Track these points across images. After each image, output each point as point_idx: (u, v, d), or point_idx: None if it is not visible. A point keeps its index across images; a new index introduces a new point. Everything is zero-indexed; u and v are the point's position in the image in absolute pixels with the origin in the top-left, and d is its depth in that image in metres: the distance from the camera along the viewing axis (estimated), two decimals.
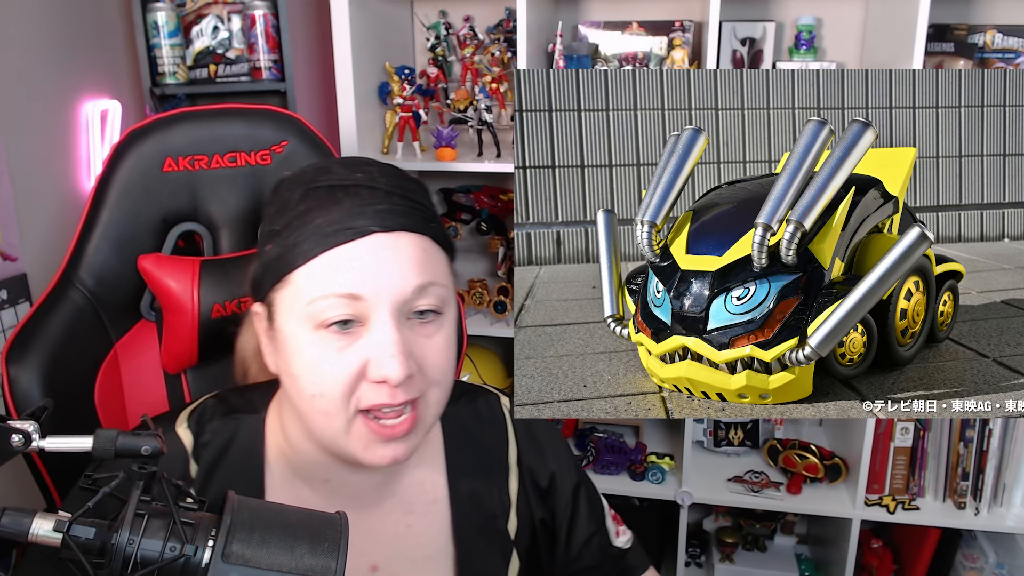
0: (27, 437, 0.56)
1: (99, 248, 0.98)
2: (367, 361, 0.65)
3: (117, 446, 0.55)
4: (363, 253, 0.65)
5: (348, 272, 0.65)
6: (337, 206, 0.66)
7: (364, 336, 0.65)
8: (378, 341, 0.65)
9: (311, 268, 0.65)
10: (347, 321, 0.65)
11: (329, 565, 0.53)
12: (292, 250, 0.66)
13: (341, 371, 0.65)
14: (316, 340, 0.65)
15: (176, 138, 1.01)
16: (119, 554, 0.51)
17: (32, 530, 0.52)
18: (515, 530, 0.82)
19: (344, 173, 0.69)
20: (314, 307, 0.65)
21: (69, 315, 0.95)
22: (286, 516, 0.55)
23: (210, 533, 0.52)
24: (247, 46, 1.92)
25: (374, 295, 0.65)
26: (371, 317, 0.65)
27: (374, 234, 0.65)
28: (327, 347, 0.65)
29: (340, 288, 0.64)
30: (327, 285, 0.65)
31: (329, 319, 0.65)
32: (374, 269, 0.65)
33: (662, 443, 2.11)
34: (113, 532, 0.52)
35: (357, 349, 0.65)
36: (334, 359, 0.65)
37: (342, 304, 0.64)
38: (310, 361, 0.66)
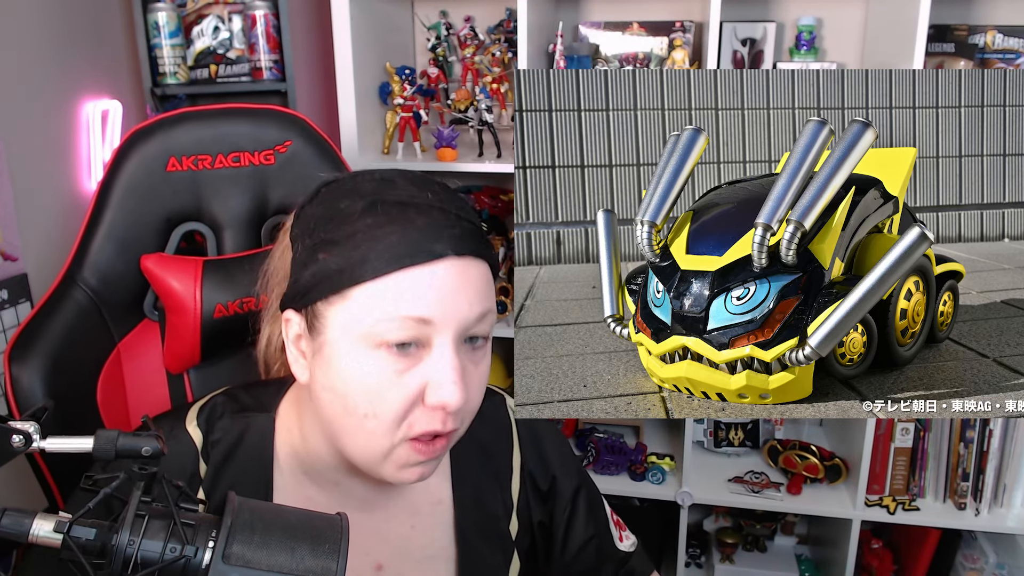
0: (28, 438, 0.56)
1: (102, 248, 0.98)
2: (425, 385, 0.64)
3: (118, 447, 0.55)
4: (437, 277, 0.64)
5: (420, 295, 0.63)
6: (411, 225, 0.64)
7: (425, 360, 0.64)
8: (439, 366, 0.64)
9: (379, 285, 0.63)
10: (407, 343, 0.64)
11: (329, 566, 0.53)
12: (360, 264, 0.63)
13: (399, 394, 0.64)
14: (373, 359, 0.64)
15: (180, 138, 1.01)
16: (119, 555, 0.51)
17: (32, 531, 0.52)
18: (516, 532, 0.83)
19: (412, 190, 0.67)
20: (380, 327, 0.63)
21: (72, 315, 0.95)
22: (287, 517, 0.55)
23: (210, 534, 0.52)
24: (248, 46, 1.93)
25: (442, 320, 0.64)
26: (434, 341, 0.64)
27: (449, 259, 0.64)
28: (386, 368, 0.64)
29: (411, 311, 0.63)
30: (397, 306, 0.63)
31: (392, 340, 0.63)
32: (446, 294, 0.64)
33: (662, 443, 2.11)
34: (113, 533, 0.52)
35: (417, 373, 0.64)
36: (392, 381, 0.64)
37: (409, 326, 0.63)
38: (366, 380, 0.64)
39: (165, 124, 1.01)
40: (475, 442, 0.80)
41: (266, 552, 0.52)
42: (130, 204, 0.99)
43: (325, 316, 0.65)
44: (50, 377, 0.91)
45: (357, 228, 0.64)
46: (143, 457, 0.55)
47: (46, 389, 0.90)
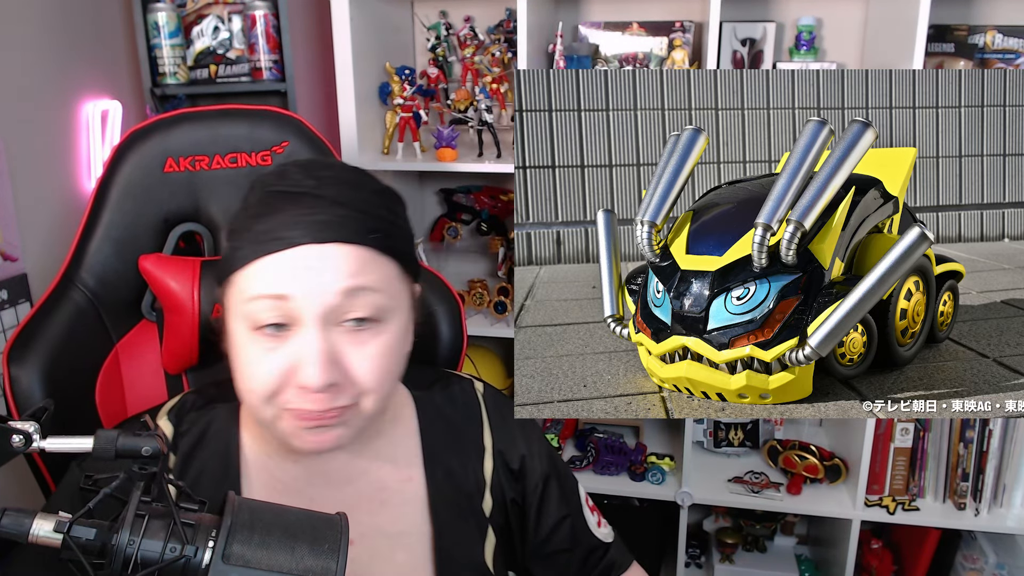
0: (28, 438, 0.56)
1: (100, 248, 0.98)
2: (293, 365, 0.67)
3: (118, 447, 0.55)
4: (291, 262, 0.67)
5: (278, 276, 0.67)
6: (279, 214, 0.68)
7: (290, 340, 0.67)
8: (303, 348, 0.66)
9: (247, 272, 0.68)
10: (280, 325, 0.67)
11: (329, 566, 0.53)
12: (235, 252, 0.69)
13: (267, 372, 0.68)
14: (250, 340, 0.68)
15: (177, 139, 1.01)
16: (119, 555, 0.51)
17: (32, 531, 0.52)
18: (490, 509, 0.84)
19: (298, 179, 0.71)
20: (249, 307, 0.68)
21: (70, 315, 0.95)
22: (286, 517, 0.55)
23: (210, 534, 0.52)
24: (247, 46, 1.92)
25: (301, 297, 0.66)
26: (301, 322, 0.67)
27: (304, 245, 0.67)
28: (258, 348, 0.68)
29: (268, 290, 0.67)
30: (258, 287, 0.67)
31: (262, 321, 0.67)
32: (301, 275, 0.67)
33: (662, 443, 2.11)
34: (113, 533, 0.52)
35: (284, 352, 0.67)
36: (262, 359, 0.68)
37: (272, 306, 0.67)
38: (244, 359, 0.69)
39: (162, 125, 1.02)
40: (445, 423, 0.83)
41: (266, 552, 0.52)
42: (128, 205, 0.99)
43: (224, 301, 0.72)
44: (49, 377, 0.91)
45: (244, 218, 0.71)
46: (143, 457, 0.54)
47: (45, 389, 0.90)
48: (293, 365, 0.67)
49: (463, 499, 0.83)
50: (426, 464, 0.82)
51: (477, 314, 1.97)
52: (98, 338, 0.99)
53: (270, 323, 0.67)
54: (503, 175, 2.10)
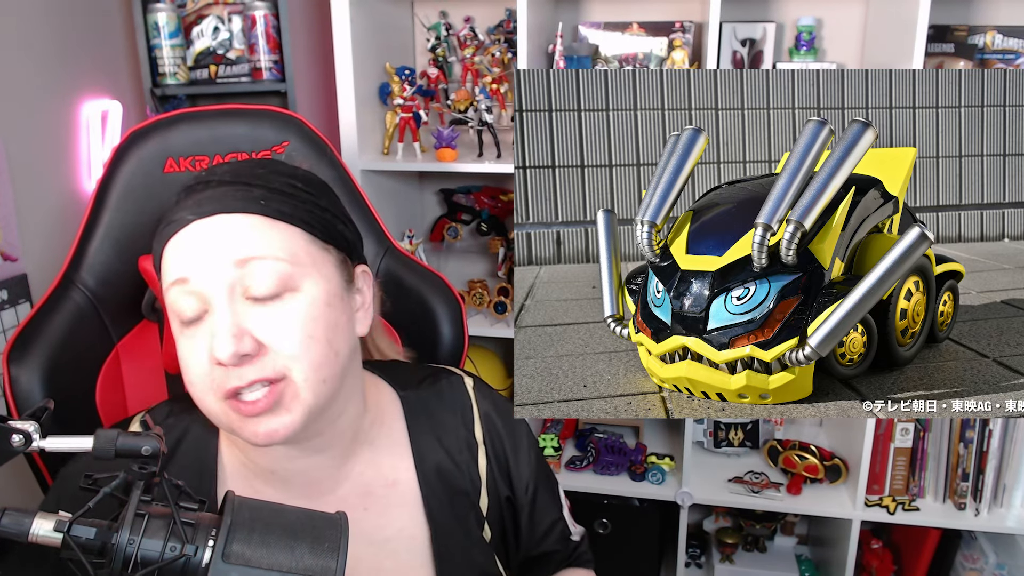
0: (27, 437, 0.56)
1: (100, 249, 0.98)
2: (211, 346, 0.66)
3: (117, 446, 0.55)
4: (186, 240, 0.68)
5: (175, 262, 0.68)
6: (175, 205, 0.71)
7: (205, 323, 0.67)
8: (214, 324, 0.66)
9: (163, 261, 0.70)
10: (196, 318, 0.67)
11: (329, 565, 0.53)
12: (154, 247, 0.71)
13: (198, 360, 0.67)
14: (181, 335, 0.69)
15: (177, 139, 1.01)
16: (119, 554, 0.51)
17: (32, 530, 0.52)
18: (487, 506, 0.83)
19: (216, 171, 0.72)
20: (169, 300, 0.68)
21: (70, 315, 0.95)
22: (286, 516, 0.55)
23: (210, 533, 0.52)
24: (247, 47, 1.93)
25: (198, 276, 0.67)
26: (211, 303, 0.67)
27: (192, 223, 0.68)
28: (188, 340, 0.68)
29: (172, 275, 0.68)
30: (166, 277, 0.69)
31: (184, 315, 0.67)
32: (195, 252, 0.67)
33: (662, 443, 2.11)
34: (113, 532, 0.52)
35: (203, 335, 0.67)
36: (192, 349, 0.68)
37: (183, 293, 0.67)
38: (181, 355, 0.69)
39: (162, 125, 1.01)
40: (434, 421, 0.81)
41: (266, 551, 0.52)
42: (128, 205, 0.99)
43: None
44: (49, 377, 0.90)
45: None
46: (143, 456, 0.54)
47: (45, 389, 0.90)
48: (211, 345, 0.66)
49: (459, 497, 0.81)
50: (417, 465, 0.80)
51: (477, 314, 1.97)
52: (98, 338, 0.98)
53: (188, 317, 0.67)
54: (503, 175, 2.10)
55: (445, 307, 1.09)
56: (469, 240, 2.16)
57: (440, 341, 1.09)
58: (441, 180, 2.16)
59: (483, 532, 0.82)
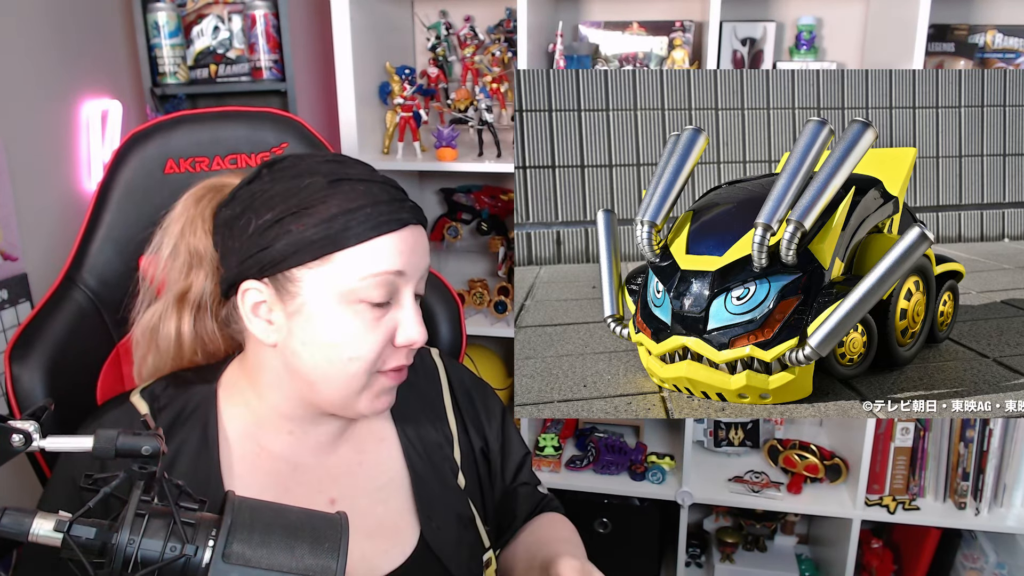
0: (28, 437, 0.56)
1: (102, 249, 0.99)
2: (395, 329, 0.77)
3: (117, 446, 0.55)
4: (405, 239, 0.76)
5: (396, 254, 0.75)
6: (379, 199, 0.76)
7: (393, 310, 0.77)
8: (407, 313, 0.78)
9: (362, 249, 0.74)
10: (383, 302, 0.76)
11: (329, 565, 0.53)
12: (342, 232, 0.73)
13: (376, 338, 0.76)
14: (354, 312, 0.75)
15: (177, 140, 1.02)
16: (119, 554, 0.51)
17: (32, 530, 0.52)
18: (460, 458, 0.93)
19: (363, 170, 0.79)
20: (364, 283, 0.74)
21: (72, 315, 0.96)
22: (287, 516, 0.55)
23: (210, 533, 0.52)
24: (247, 46, 1.93)
25: (411, 273, 0.77)
26: (401, 293, 0.77)
27: (411, 226, 0.77)
28: (365, 318, 0.75)
29: (391, 266, 0.75)
30: (379, 263, 0.74)
31: (373, 297, 0.75)
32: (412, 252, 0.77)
33: (662, 443, 2.11)
34: (113, 532, 0.52)
35: (389, 319, 0.77)
36: (372, 327, 0.76)
37: (387, 282, 0.75)
38: (351, 329, 0.75)
39: (163, 127, 1.02)
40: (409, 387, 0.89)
41: (266, 551, 0.52)
42: (128, 206, 0.99)
43: (301, 280, 0.75)
44: (50, 377, 0.91)
45: (329, 202, 0.74)
46: (143, 456, 0.55)
47: (46, 389, 0.90)
48: (393, 329, 0.77)
49: (433, 449, 0.90)
50: (396, 424, 0.90)
51: (477, 314, 1.97)
52: (99, 338, 0.99)
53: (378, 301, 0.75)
54: (503, 175, 2.10)
55: (443, 307, 1.10)
56: (469, 240, 2.16)
57: (438, 340, 1.10)
58: (441, 179, 2.16)
59: (457, 479, 0.91)
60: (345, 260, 0.74)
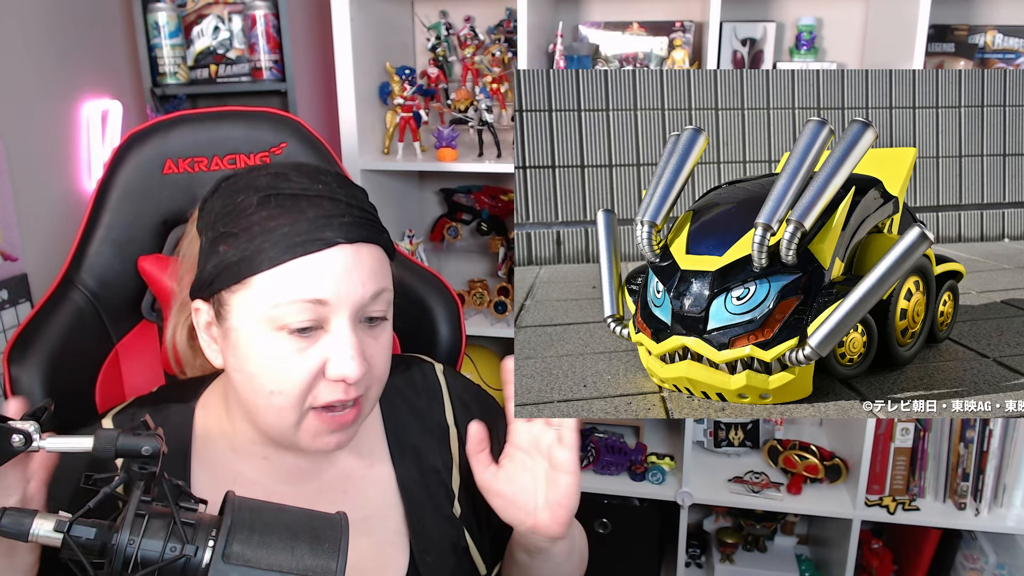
0: (27, 437, 0.56)
1: (100, 250, 0.98)
2: (325, 361, 0.70)
3: (117, 446, 0.55)
4: (329, 262, 0.69)
5: (315, 279, 0.69)
6: (303, 216, 0.69)
7: (323, 338, 0.70)
8: (337, 343, 0.70)
9: (276, 273, 0.69)
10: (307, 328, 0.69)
11: (329, 566, 0.53)
12: (256, 255, 0.68)
13: (300, 370, 0.70)
14: (275, 341, 0.69)
15: (176, 141, 1.01)
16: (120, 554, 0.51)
17: (32, 530, 0.52)
18: (458, 484, 0.87)
19: (305, 182, 0.72)
20: (279, 311, 0.68)
21: (70, 316, 0.95)
22: (286, 516, 0.55)
23: (210, 533, 0.52)
24: (248, 46, 1.93)
25: (336, 300, 0.69)
26: (331, 321, 0.70)
27: (339, 245, 0.70)
28: (287, 348, 0.69)
29: (308, 294, 0.68)
30: (294, 290, 0.68)
31: (292, 324, 0.68)
32: (338, 277, 0.69)
33: (662, 443, 2.11)
34: (114, 532, 0.52)
35: (316, 350, 0.70)
36: (293, 359, 0.69)
37: (307, 309, 0.68)
38: (269, 360, 0.70)
39: (161, 127, 1.02)
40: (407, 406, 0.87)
41: (266, 551, 0.52)
42: (127, 206, 0.99)
43: (229, 303, 0.71)
44: (49, 377, 0.91)
45: (253, 220, 0.70)
46: (143, 456, 0.54)
47: (45, 389, 0.90)
48: (324, 360, 0.70)
49: (430, 475, 0.86)
50: (391, 448, 0.85)
51: (477, 314, 1.97)
52: (98, 338, 0.99)
53: (303, 326, 0.69)
54: (503, 175, 2.10)
55: (443, 307, 1.10)
56: (469, 240, 2.16)
57: (438, 341, 1.10)
58: (441, 180, 2.16)
59: (453, 508, 0.86)
60: (262, 285, 0.69)
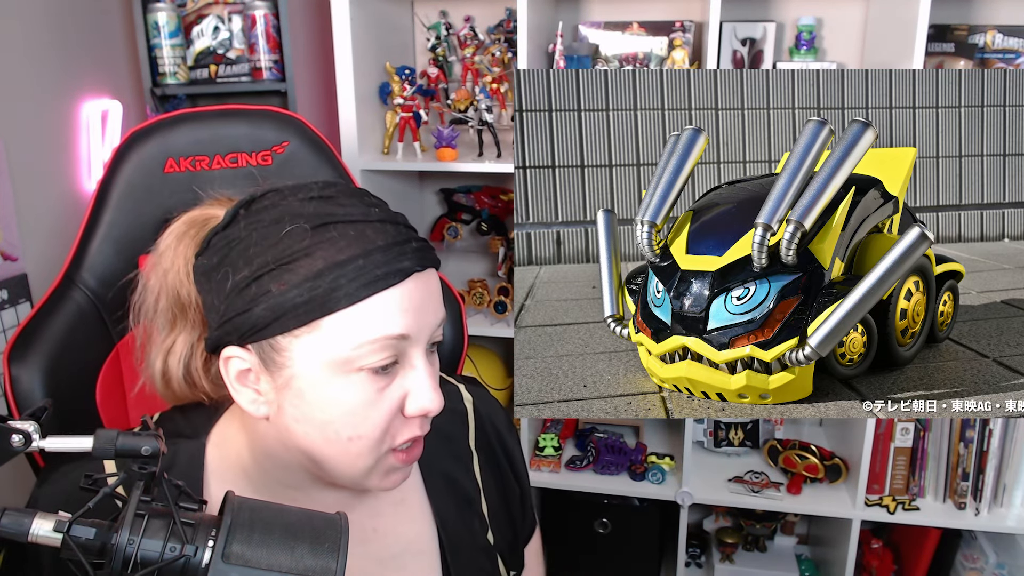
0: (27, 437, 0.56)
1: (101, 248, 0.98)
2: (404, 396, 0.66)
3: (117, 446, 0.55)
4: (409, 294, 0.64)
5: (397, 313, 0.63)
6: (372, 245, 0.63)
7: (401, 375, 0.66)
8: (418, 378, 0.66)
9: (353, 311, 0.62)
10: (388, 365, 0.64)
11: (329, 566, 0.53)
12: (330, 293, 0.61)
13: (381, 412, 0.65)
14: (354, 384, 0.63)
15: (177, 139, 1.01)
16: (119, 554, 0.51)
17: (32, 530, 0.52)
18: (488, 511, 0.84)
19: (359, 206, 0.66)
20: (359, 351, 0.62)
21: (71, 315, 0.95)
22: (286, 516, 0.55)
23: (210, 533, 0.52)
24: (248, 46, 1.93)
25: (416, 333, 0.65)
26: (409, 355, 0.66)
27: (416, 274, 0.65)
28: (368, 390, 0.64)
29: (392, 330, 0.63)
30: (377, 328, 0.62)
31: (374, 364, 0.63)
32: (417, 308, 0.65)
33: (662, 443, 2.11)
34: (113, 532, 0.52)
35: (396, 388, 0.65)
36: (375, 400, 0.64)
37: (389, 346, 0.63)
38: (349, 406, 0.64)
39: (163, 125, 1.02)
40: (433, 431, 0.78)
41: (266, 551, 0.52)
42: (128, 205, 0.99)
43: (289, 349, 0.63)
44: (50, 377, 0.91)
45: (314, 253, 0.62)
46: (142, 456, 0.54)
47: (46, 388, 0.90)
48: (402, 398, 0.66)
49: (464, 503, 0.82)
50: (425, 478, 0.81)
51: (477, 314, 1.97)
52: (99, 338, 0.98)
53: (383, 365, 0.63)
54: (503, 175, 2.10)
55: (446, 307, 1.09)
56: (469, 240, 2.16)
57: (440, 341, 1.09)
58: (441, 180, 2.16)
59: (487, 536, 0.83)
60: (335, 325, 0.62)
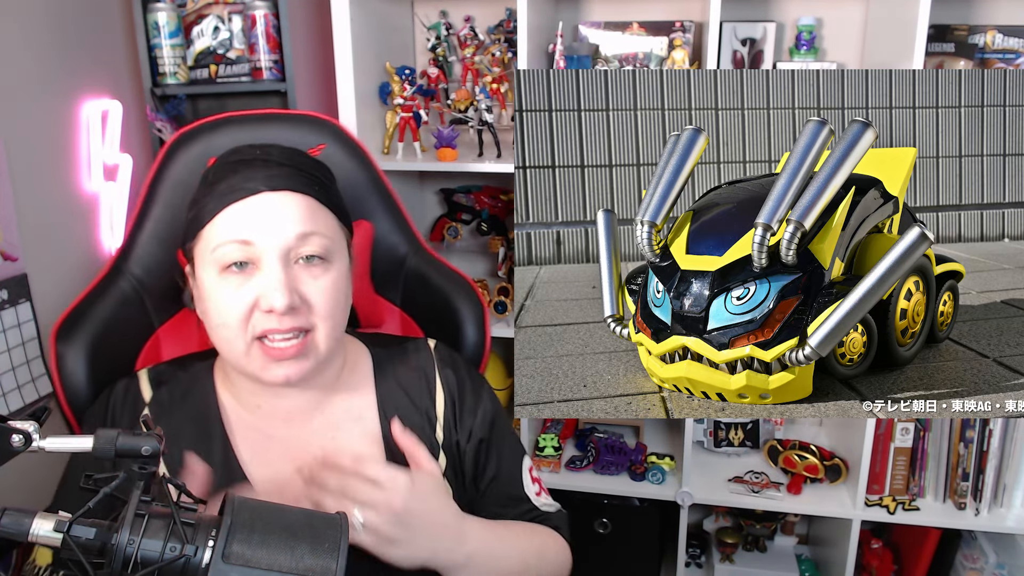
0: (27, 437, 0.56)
1: (147, 241, 1.05)
2: (259, 295, 0.80)
3: (117, 446, 0.55)
4: (253, 207, 0.81)
5: (241, 223, 0.81)
6: (235, 175, 0.83)
7: (256, 276, 0.81)
8: (266, 278, 0.80)
9: (215, 223, 0.82)
10: (242, 263, 0.81)
11: (329, 565, 0.53)
12: (202, 211, 0.83)
13: (238, 303, 0.80)
14: (220, 281, 0.81)
15: (221, 141, 1.06)
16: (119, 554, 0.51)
17: (32, 530, 0.52)
18: (442, 439, 0.94)
19: (247, 152, 0.86)
20: (217, 253, 0.81)
21: (116, 301, 1.02)
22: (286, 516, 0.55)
23: (210, 533, 0.52)
24: (248, 46, 1.92)
25: (261, 240, 0.80)
26: (261, 260, 0.81)
27: (262, 193, 0.82)
28: (228, 285, 0.81)
29: (236, 235, 0.81)
30: (226, 233, 0.81)
31: (228, 261, 0.80)
32: (262, 220, 0.81)
33: (662, 443, 2.11)
34: (113, 532, 0.52)
35: (251, 286, 0.81)
36: (233, 294, 0.81)
37: (237, 249, 0.80)
38: (216, 297, 0.82)
39: (207, 128, 1.08)
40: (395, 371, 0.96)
41: (266, 551, 0.52)
42: (174, 201, 1.04)
43: (194, 257, 0.85)
44: (93, 356, 0.96)
45: (202, 189, 0.86)
46: (143, 456, 0.54)
47: (88, 368, 0.96)
48: (259, 295, 0.80)
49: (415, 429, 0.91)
50: (379, 404, 0.93)
51: None
52: (140, 323, 1.04)
53: (235, 262, 0.80)
54: (503, 175, 2.10)
55: (470, 308, 1.10)
56: (469, 240, 2.16)
57: (464, 341, 1.09)
58: (441, 180, 2.16)
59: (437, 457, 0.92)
60: (208, 235, 0.82)
